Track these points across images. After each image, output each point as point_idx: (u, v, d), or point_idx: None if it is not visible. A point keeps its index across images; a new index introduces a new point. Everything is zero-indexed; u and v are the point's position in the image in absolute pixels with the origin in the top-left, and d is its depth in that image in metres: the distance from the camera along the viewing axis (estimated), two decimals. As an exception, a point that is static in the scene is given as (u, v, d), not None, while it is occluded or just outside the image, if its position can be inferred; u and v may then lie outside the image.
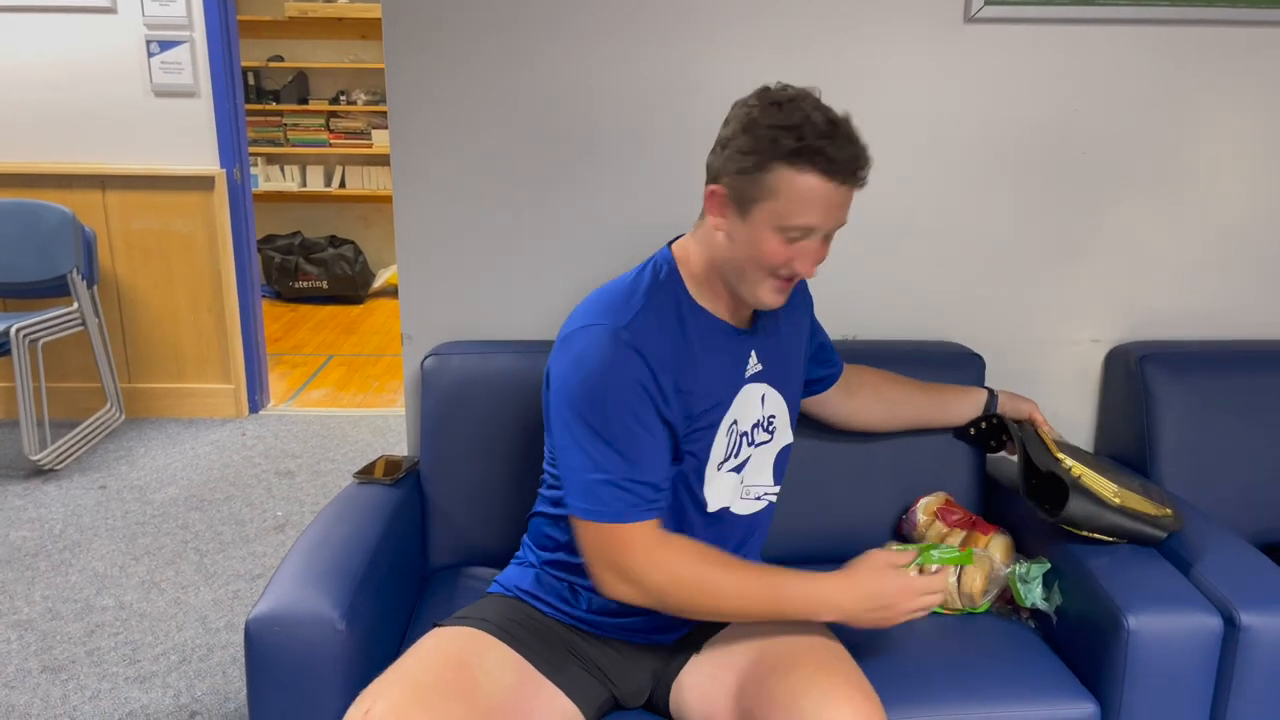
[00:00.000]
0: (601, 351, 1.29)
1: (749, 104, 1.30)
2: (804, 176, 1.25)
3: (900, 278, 2.03)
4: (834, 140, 1.25)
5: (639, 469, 1.30)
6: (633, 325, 1.31)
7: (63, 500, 3.16)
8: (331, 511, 1.66)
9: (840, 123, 1.28)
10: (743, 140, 1.28)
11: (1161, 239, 2.03)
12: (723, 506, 1.45)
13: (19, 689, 2.20)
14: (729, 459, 1.44)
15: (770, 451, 1.51)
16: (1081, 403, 2.09)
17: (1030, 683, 1.47)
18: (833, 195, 1.28)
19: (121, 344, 3.86)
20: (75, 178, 3.68)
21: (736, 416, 1.43)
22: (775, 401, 1.50)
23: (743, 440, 1.45)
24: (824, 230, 1.31)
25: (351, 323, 5.55)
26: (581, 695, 1.41)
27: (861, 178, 1.30)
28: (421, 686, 1.25)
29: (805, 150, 1.24)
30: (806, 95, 1.29)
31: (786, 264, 1.32)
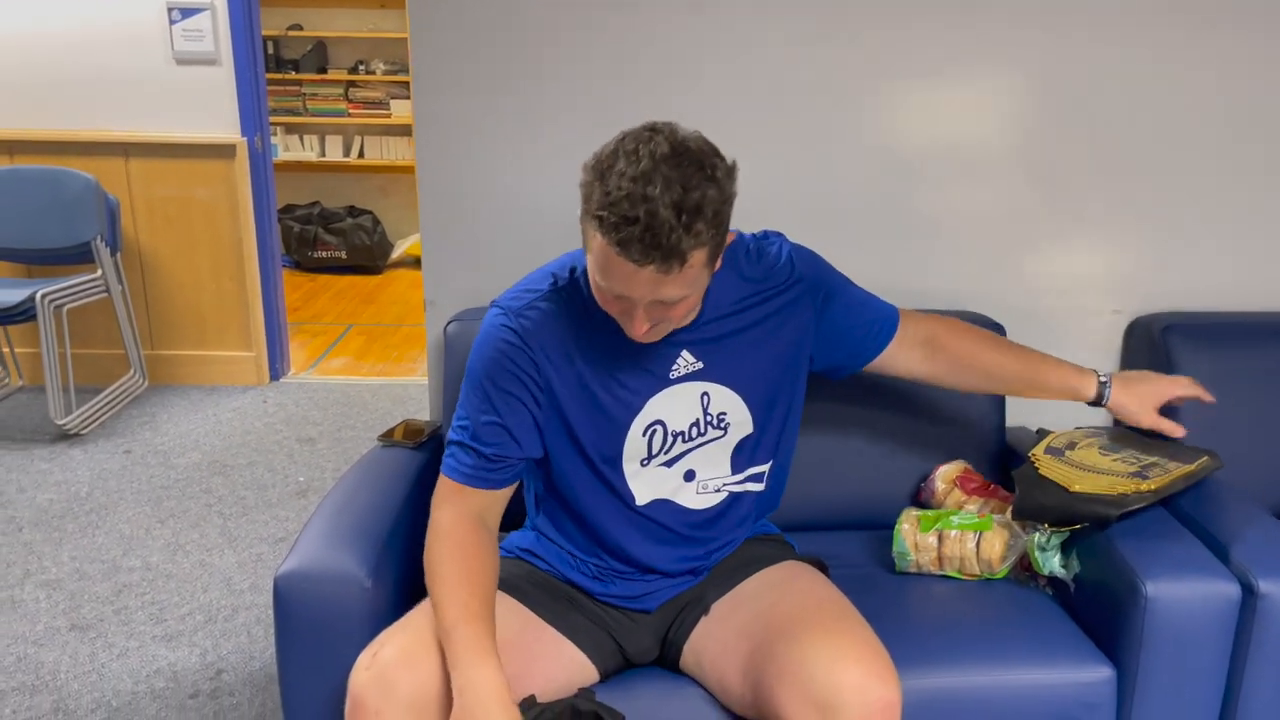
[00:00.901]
0: (490, 330, 1.38)
1: (604, 149, 1.21)
2: (603, 241, 1.17)
3: (921, 245, 2.03)
4: (626, 221, 1.13)
5: (476, 435, 1.37)
6: (523, 313, 1.37)
7: (88, 464, 3.20)
8: (355, 473, 1.68)
9: (651, 201, 1.13)
10: (585, 173, 1.21)
11: (1186, 209, 2.01)
12: (657, 499, 1.44)
13: (48, 646, 2.25)
14: (656, 455, 1.42)
15: (724, 445, 1.46)
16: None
17: (1047, 647, 1.48)
18: (633, 272, 1.17)
19: (144, 311, 3.90)
20: (98, 145, 3.70)
21: (660, 418, 1.40)
22: (725, 398, 1.43)
23: (676, 439, 1.42)
24: (637, 301, 1.22)
25: (370, 292, 5.58)
26: (589, 643, 1.44)
27: (666, 267, 1.16)
28: (427, 631, 1.29)
29: (600, 218, 1.16)
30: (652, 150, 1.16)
31: (618, 316, 1.28)
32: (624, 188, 1.14)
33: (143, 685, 2.12)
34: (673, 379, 1.40)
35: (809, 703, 1.24)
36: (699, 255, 1.18)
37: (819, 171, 1.99)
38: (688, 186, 1.15)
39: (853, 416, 1.85)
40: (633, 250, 1.15)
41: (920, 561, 1.66)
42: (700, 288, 1.26)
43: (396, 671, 1.24)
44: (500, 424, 1.37)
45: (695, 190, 1.15)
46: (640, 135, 1.19)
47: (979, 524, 1.65)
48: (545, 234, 2.00)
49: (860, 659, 1.26)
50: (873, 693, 1.23)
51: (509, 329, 1.36)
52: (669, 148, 1.17)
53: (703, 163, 1.18)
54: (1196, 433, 1.87)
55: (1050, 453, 1.72)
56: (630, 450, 1.41)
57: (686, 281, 1.20)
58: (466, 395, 1.40)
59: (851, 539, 1.80)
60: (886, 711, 1.23)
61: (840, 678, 1.24)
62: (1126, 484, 1.58)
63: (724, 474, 1.48)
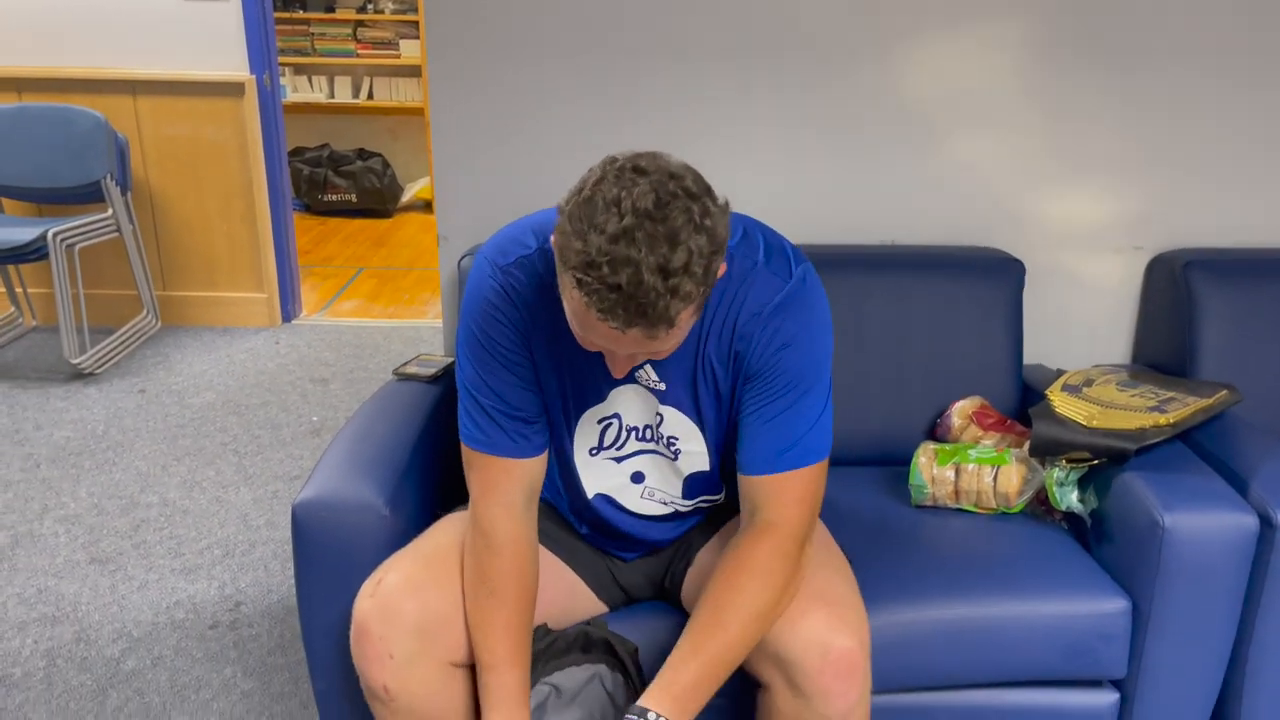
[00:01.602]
0: (479, 288, 1.26)
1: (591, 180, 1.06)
2: (582, 301, 1.04)
3: (941, 181, 2.00)
4: (608, 288, 1.01)
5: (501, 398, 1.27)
6: (510, 270, 1.24)
7: (103, 403, 3.22)
8: (372, 406, 1.68)
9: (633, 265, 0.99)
10: (560, 219, 1.06)
11: (1208, 146, 1.98)
12: (602, 493, 1.38)
13: (68, 579, 2.28)
14: (607, 448, 1.35)
15: (675, 469, 1.36)
16: (1120, 310, 2.07)
17: (1063, 580, 1.49)
18: (616, 335, 1.06)
19: (155, 252, 3.89)
20: (106, 83, 3.66)
21: (617, 411, 1.32)
22: (680, 425, 1.31)
23: (630, 434, 1.34)
24: (615, 351, 1.13)
25: (381, 236, 5.55)
26: (589, 572, 1.45)
27: (652, 332, 1.04)
28: (431, 559, 1.30)
29: (579, 281, 1.02)
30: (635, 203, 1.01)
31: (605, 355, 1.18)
32: (605, 251, 1.00)
33: (163, 616, 2.15)
34: (636, 379, 1.30)
35: (768, 659, 1.22)
36: (687, 312, 1.05)
37: (835, 123, 1.96)
38: (674, 242, 1.00)
39: (870, 352, 1.84)
40: (616, 318, 1.03)
41: (936, 495, 1.66)
42: (687, 328, 1.11)
43: (400, 598, 1.25)
44: (521, 385, 1.28)
45: (681, 247, 1.01)
46: (623, 179, 1.03)
47: (996, 458, 1.65)
48: (557, 167, 1.98)
49: (812, 609, 1.21)
50: (828, 644, 1.19)
51: (497, 286, 1.24)
52: (654, 198, 1.01)
53: (690, 211, 1.02)
54: (1216, 367, 1.86)
55: (1067, 390, 1.72)
56: (581, 438, 1.34)
57: (675, 335, 1.09)
58: (473, 363, 1.28)
59: (868, 474, 1.80)
60: (845, 661, 1.19)
61: (792, 633, 1.20)
62: (1144, 418, 1.57)
63: (674, 494, 1.39)
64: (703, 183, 1.07)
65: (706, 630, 1.19)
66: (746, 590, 1.19)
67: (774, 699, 1.25)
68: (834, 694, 1.20)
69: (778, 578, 1.21)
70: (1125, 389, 1.72)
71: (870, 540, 1.55)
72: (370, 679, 1.26)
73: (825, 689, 1.20)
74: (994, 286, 1.88)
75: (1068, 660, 1.45)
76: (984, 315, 1.87)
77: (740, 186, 2.00)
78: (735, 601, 1.19)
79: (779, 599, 1.21)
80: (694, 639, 1.19)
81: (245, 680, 1.96)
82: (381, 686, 1.25)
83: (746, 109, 1.96)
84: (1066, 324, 2.06)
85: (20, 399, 3.24)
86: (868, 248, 1.98)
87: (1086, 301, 2.06)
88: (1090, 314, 2.06)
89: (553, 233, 1.08)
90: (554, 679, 1.35)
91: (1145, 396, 1.67)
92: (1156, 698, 1.48)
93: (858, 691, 1.21)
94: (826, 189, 2.01)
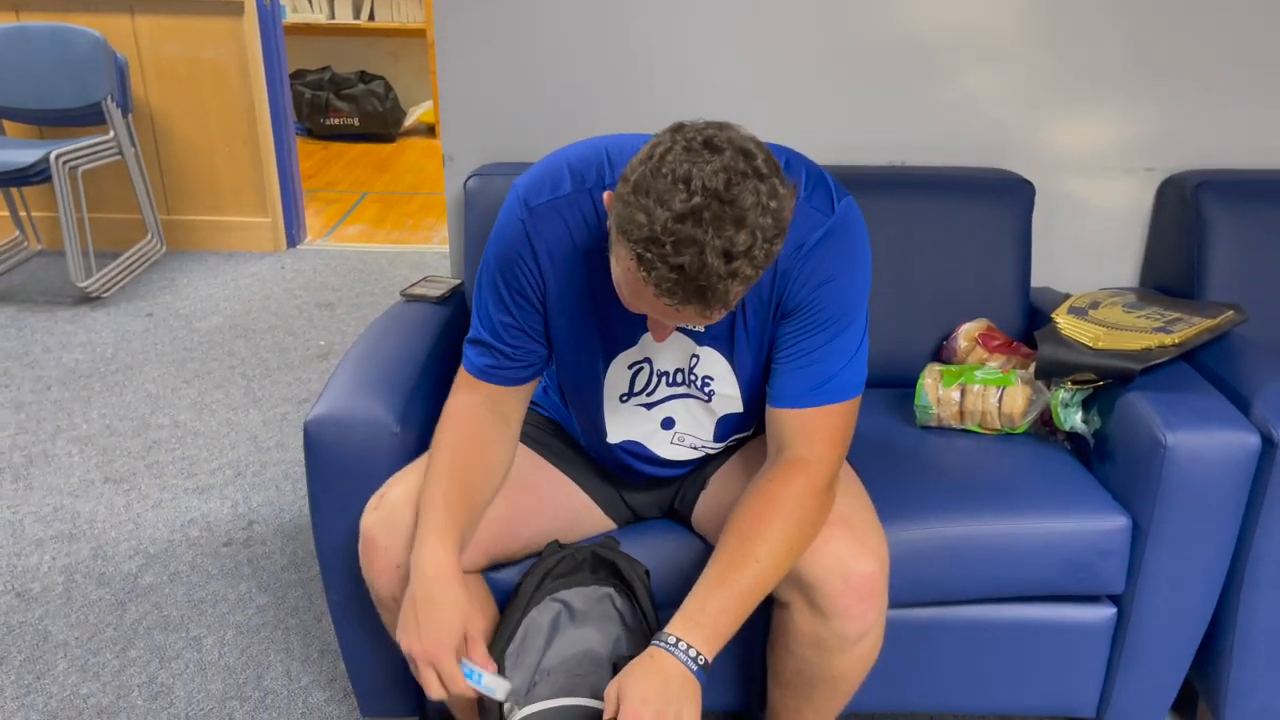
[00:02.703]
0: (506, 226, 1.25)
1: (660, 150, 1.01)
2: (637, 273, 1.02)
3: (952, 102, 1.98)
4: (669, 267, 0.99)
5: (492, 330, 1.29)
6: (542, 213, 1.22)
7: (111, 326, 3.23)
8: (381, 325, 1.69)
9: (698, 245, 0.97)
10: (623, 186, 1.03)
11: (1220, 66, 1.95)
12: (628, 439, 1.38)
13: (84, 498, 2.31)
14: (636, 394, 1.34)
15: (709, 411, 1.36)
16: (1129, 232, 2.06)
17: (1064, 497, 1.50)
18: (671, 311, 1.04)
19: (158, 175, 3.86)
20: (103, 0, 3.60)
21: (648, 356, 1.31)
22: (715, 365, 1.31)
23: (660, 379, 1.33)
24: (663, 322, 1.11)
25: (384, 160, 5.51)
26: (596, 490, 1.47)
27: (708, 312, 1.03)
28: None
29: (639, 256, 1.00)
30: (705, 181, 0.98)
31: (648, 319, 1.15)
32: (670, 230, 0.97)
33: (178, 534, 2.19)
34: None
35: (789, 580, 1.23)
36: (743, 290, 1.04)
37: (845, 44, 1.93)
38: (741, 224, 0.98)
39: (877, 274, 1.82)
40: (674, 296, 1.01)
41: (942, 415, 1.68)
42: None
43: (404, 511, 1.27)
44: (517, 325, 1.29)
45: (746, 230, 0.98)
46: (694, 154, 0.99)
47: (1002, 379, 1.66)
48: (564, 88, 1.96)
49: (836, 534, 1.22)
50: (851, 568, 1.21)
51: (524, 229, 1.23)
52: (724, 179, 0.98)
53: (759, 192, 0.99)
54: (1224, 289, 1.86)
55: (1073, 313, 1.72)
56: (612, 384, 1.34)
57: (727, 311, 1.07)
58: (483, 291, 1.29)
59: (874, 395, 1.81)
60: (867, 583, 1.22)
61: (816, 556, 1.21)
62: (1150, 339, 1.57)
63: (705, 437, 1.39)
64: (773, 162, 1.03)
65: (735, 562, 1.17)
66: (775, 524, 1.18)
67: (792, 617, 1.27)
68: (854, 615, 1.23)
69: (808, 514, 1.20)
70: (1131, 310, 1.72)
71: (876, 460, 1.57)
72: (379, 589, 1.29)
73: (845, 610, 1.22)
74: (1003, 208, 1.87)
75: (1067, 576, 1.48)
76: (992, 237, 1.86)
77: (750, 107, 1.98)
78: (765, 534, 1.18)
79: (808, 534, 1.21)
80: (722, 570, 1.17)
81: (260, 595, 2.00)
82: (390, 596, 1.28)
83: (758, 31, 1.93)
84: (1075, 246, 2.05)
85: (28, 322, 3.25)
86: (876, 168, 1.96)
87: (1096, 224, 2.04)
88: (1099, 236, 2.05)
89: (608, 193, 1.07)
90: (564, 596, 1.37)
91: (1151, 318, 1.67)
92: (1153, 613, 1.50)
93: (876, 612, 1.24)
94: (836, 109, 1.99)
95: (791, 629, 1.28)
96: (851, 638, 1.25)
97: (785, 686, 1.36)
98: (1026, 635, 1.53)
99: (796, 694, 1.35)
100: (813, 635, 1.26)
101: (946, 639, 1.53)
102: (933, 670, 1.56)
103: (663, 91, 1.95)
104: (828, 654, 1.27)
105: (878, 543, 1.25)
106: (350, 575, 1.46)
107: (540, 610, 1.36)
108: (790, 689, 1.35)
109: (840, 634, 1.24)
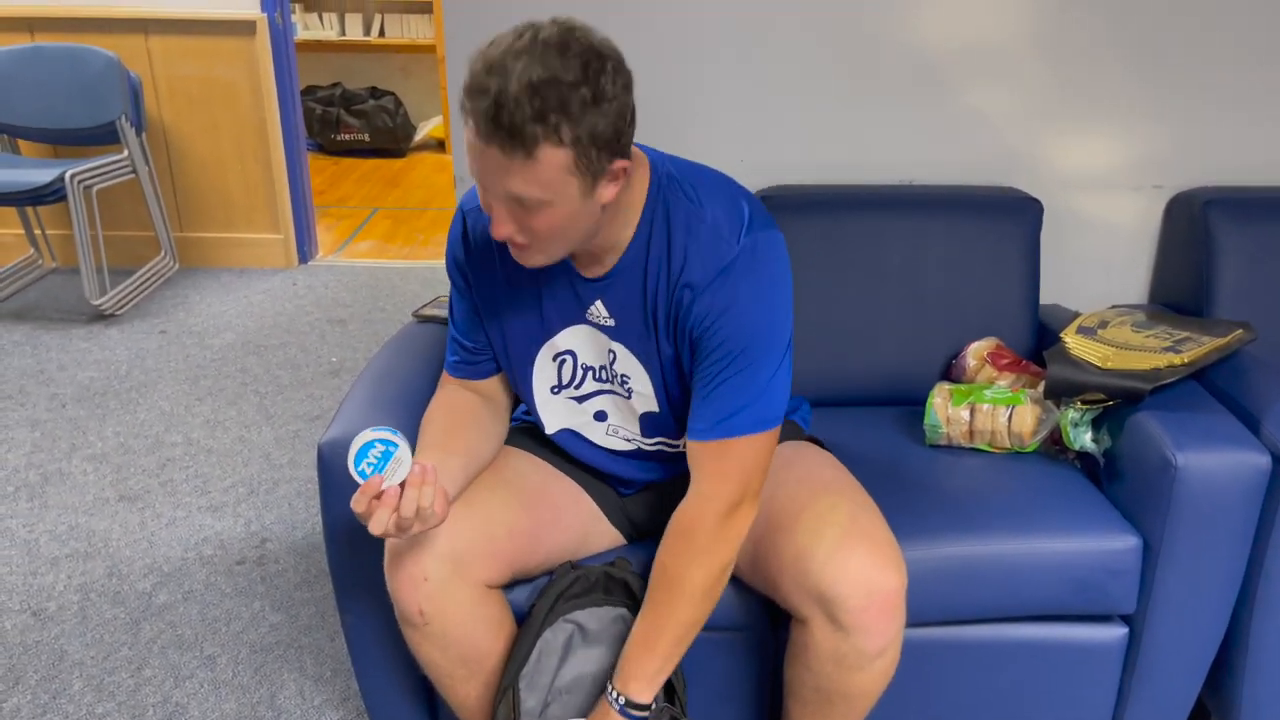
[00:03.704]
0: (452, 223, 1.40)
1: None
2: (465, 121, 1.09)
3: (959, 121, 1.99)
4: (480, 93, 1.05)
5: (455, 326, 1.44)
6: (472, 211, 1.35)
7: (125, 344, 3.25)
8: (393, 347, 1.70)
9: (506, 75, 1.04)
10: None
11: (1232, 82, 1.95)
12: (565, 428, 1.43)
13: (98, 515, 2.33)
14: (565, 386, 1.40)
15: (630, 407, 1.38)
16: (1138, 249, 2.06)
17: (1075, 517, 1.51)
18: (481, 150, 1.08)
19: (171, 193, 3.90)
20: (117, 21, 3.64)
21: (571, 348, 1.36)
22: (629, 363, 1.34)
23: (586, 374, 1.38)
24: (491, 194, 1.13)
25: (395, 176, 5.54)
26: (601, 498, 1.49)
27: (510, 151, 1.06)
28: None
29: (463, 100, 1.08)
30: (536, 32, 1.07)
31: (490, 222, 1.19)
32: (490, 59, 1.05)
33: (191, 552, 2.20)
34: (588, 319, 1.33)
35: (810, 596, 1.25)
36: (552, 154, 1.06)
37: (853, 64, 1.94)
38: (556, 75, 1.04)
39: (886, 292, 1.85)
40: (480, 124, 1.06)
41: (951, 434, 1.68)
42: (565, 202, 1.11)
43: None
44: (467, 315, 1.41)
45: (564, 82, 1.04)
46: (539, 22, 1.08)
47: (1011, 398, 1.66)
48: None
49: (858, 549, 1.24)
50: (873, 583, 1.23)
51: (458, 229, 1.37)
52: (558, 37, 1.06)
53: (588, 61, 1.06)
54: (1233, 306, 1.86)
55: (1082, 332, 1.72)
56: (540, 375, 1.39)
57: (538, 180, 1.08)
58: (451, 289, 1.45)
59: (883, 414, 1.82)
60: (888, 599, 1.23)
61: (838, 571, 1.22)
62: (1159, 359, 1.58)
63: (635, 432, 1.41)
64: (616, 52, 1.11)
65: (662, 611, 1.29)
66: (690, 570, 1.27)
67: (812, 634, 1.27)
68: (875, 630, 1.24)
69: (717, 557, 1.28)
70: (1140, 330, 1.72)
71: (885, 479, 1.57)
72: (405, 604, 1.30)
73: (867, 625, 1.23)
74: (1011, 226, 1.87)
75: (1078, 596, 1.48)
76: (1001, 255, 1.86)
77: (760, 127, 1.99)
78: (684, 579, 1.28)
79: (722, 573, 1.29)
80: (654, 621, 1.29)
81: (273, 614, 2.01)
82: (417, 611, 1.29)
83: (767, 52, 1.94)
84: (1083, 264, 2.06)
85: (43, 340, 3.28)
86: (885, 187, 1.98)
87: (1104, 241, 2.05)
88: (1107, 253, 2.06)
89: None
90: (577, 617, 1.38)
91: (1160, 337, 1.67)
92: (1165, 633, 1.50)
93: (896, 628, 1.26)
94: (844, 129, 2.00)
95: (811, 645, 1.29)
96: (871, 654, 1.25)
97: (802, 704, 1.36)
98: (1037, 655, 1.53)
99: (814, 712, 1.35)
100: (833, 651, 1.26)
101: (957, 659, 1.53)
102: (943, 690, 1.56)
103: (671, 114, 1.97)
104: (847, 670, 1.27)
105: (898, 558, 1.26)
106: (365, 596, 1.47)
107: (554, 631, 1.37)
108: (808, 706, 1.36)
109: (860, 650, 1.25)
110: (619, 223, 1.24)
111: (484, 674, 1.36)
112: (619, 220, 1.24)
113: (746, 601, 1.43)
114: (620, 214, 1.23)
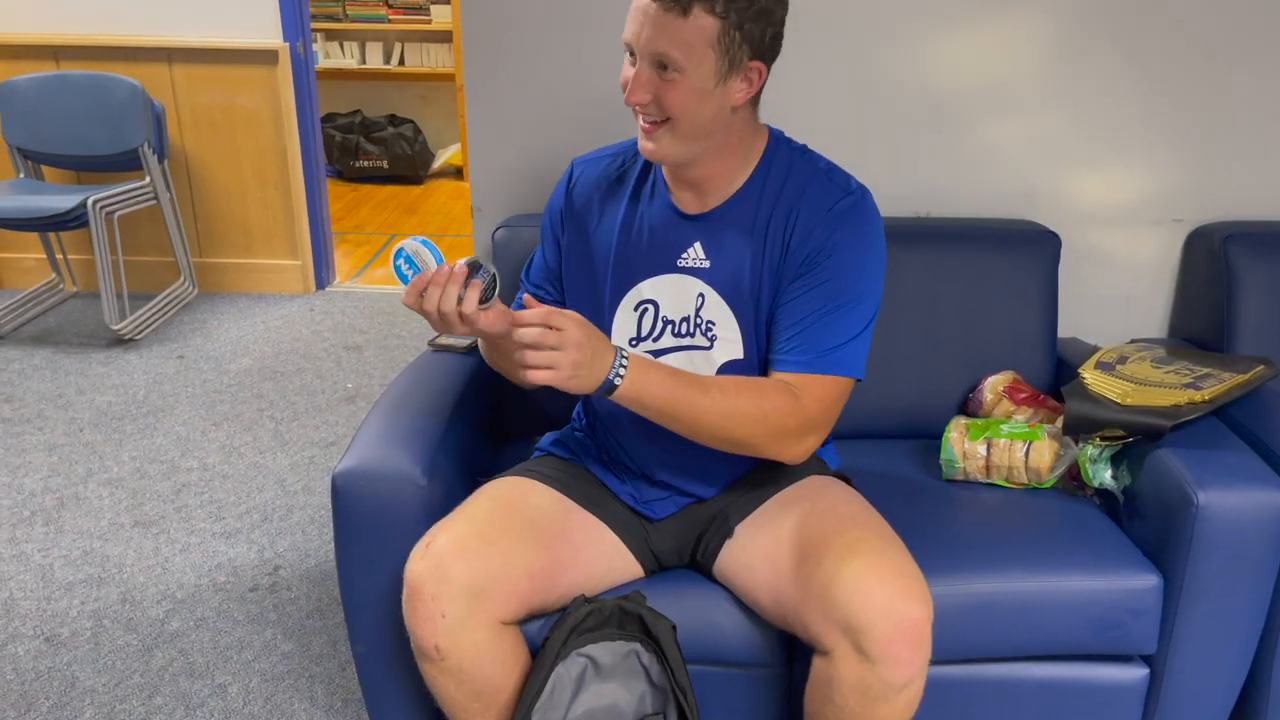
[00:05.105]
0: (566, 172, 1.53)
1: None
2: None
3: (976, 153, 1.99)
4: None
5: (532, 268, 1.57)
6: (585, 164, 1.50)
7: (143, 368, 3.27)
8: (408, 376, 1.71)
9: None
10: None
11: (1252, 115, 1.95)
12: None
13: (113, 541, 2.34)
14: (644, 339, 1.43)
15: (709, 359, 1.41)
16: (1158, 284, 2.05)
17: (1094, 555, 1.49)
18: (643, 6, 1.24)
19: (192, 219, 3.93)
20: (141, 50, 3.69)
21: (654, 298, 1.42)
22: (717, 309, 1.39)
23: (666, 326, 1.42)
24: (636, 49, 1.27)
25: (413, 203, 5.57)
26: (626, 533, 1.48)
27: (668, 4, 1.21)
28: (477, 521, 1.34)
29: None
30: None
31: (624, 87, 1.31)
32: None
33: (205, 579, 2.20)
34: (678, 266, 1.41)
35: (836, 625, 1.24)
36: (703, 19, 1.21)
37: (870, 97, 1.94)
38: None
39: (903, 325, 1.84)
40: None
41: (968, 469, 1.67)
42: (700, 78, 1.24)
43: (450, 560, 1.28)
44: (546, 260, 1.54)
45: None
46: None
47: (1028, 433, 1.65)
48: (594, 138, 1.98)
49: (886, 579, 1.24)
50: (900, 613, 1.22)
51: (565, 177, 1.51)
52: None
53: None
54: (1254, 341, 1.84)
55: (1101, 368, 1.71)
56: (620, 326, 1.44)
57: (684, 41, 1.22)
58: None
59: (899, 447, 1.81)
60: (915, 630, 1.23)
61: (866, 600, 1.22)
62: (1180, 395, 1.56)
63: None
64: None
65: (707, 379, 1.32)
66: (755, 395, 1.31)
67: (837, 666, 1.26)
68: (901, 661, 1.23)
69: (784, 417, 1.31)
70: (1160, 366, 1.71)
71: (901, 513, 1.55)
72: (422, 639, 1.29)
73: (894, 655, 1.22)
74: (1029, 259, 1.87)
75: (1098, 635, 1.46)
76: (1018, 289, 1.86)
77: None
78: (748, 388, 1.32)
79: (770, 430, 1.32)
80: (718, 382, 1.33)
81: (285, 642, 2.01)
82: (433, 646, 1.28)
83: (784, 83, 1.94)
84: (1102, 297, 2.05)
85: (63, 364, 3.30)
86: (902, 219, 1.97)
87: (1123, 275, 2.04)
88: (1127, 287, 2.05)
89: None
90: (591, 651, 1.37)
91: (1180, 373, 1.66)
92: (1186, 674, 1.48)
93: (922, 660, 1.25)
94: (862, 160, 1.99)
95: (836, 677, 1.27)
96: (897, 685, 1.24)
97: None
98: (1057, 695, 1.51)
99: None
100: (858, 682, 1.25)
101: (975, 697, 1.51)
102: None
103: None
104: (872, 702, 1.26)
105: (924, 590, 1.26)
106: (377, 628, 1.46)
107: (567, 665, 1.36)
108: None
109: (886, 681, 1.24)
110: (738, 157, 1.35)
111: (498, 708, 1.35)
112: (739, 153, 1.36)
113: (765, 638, 1.42)
114: (741, 145, 1.36)
